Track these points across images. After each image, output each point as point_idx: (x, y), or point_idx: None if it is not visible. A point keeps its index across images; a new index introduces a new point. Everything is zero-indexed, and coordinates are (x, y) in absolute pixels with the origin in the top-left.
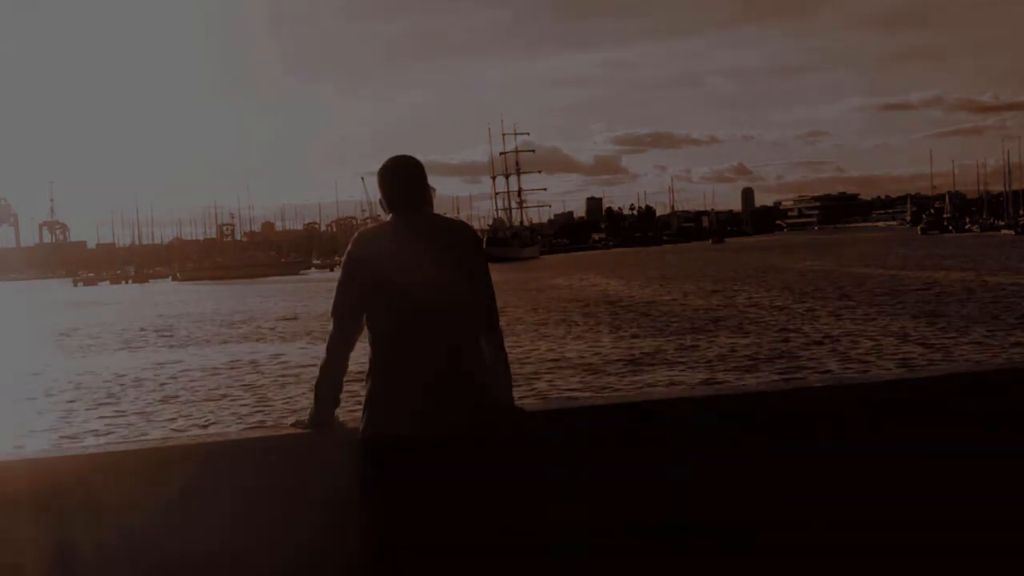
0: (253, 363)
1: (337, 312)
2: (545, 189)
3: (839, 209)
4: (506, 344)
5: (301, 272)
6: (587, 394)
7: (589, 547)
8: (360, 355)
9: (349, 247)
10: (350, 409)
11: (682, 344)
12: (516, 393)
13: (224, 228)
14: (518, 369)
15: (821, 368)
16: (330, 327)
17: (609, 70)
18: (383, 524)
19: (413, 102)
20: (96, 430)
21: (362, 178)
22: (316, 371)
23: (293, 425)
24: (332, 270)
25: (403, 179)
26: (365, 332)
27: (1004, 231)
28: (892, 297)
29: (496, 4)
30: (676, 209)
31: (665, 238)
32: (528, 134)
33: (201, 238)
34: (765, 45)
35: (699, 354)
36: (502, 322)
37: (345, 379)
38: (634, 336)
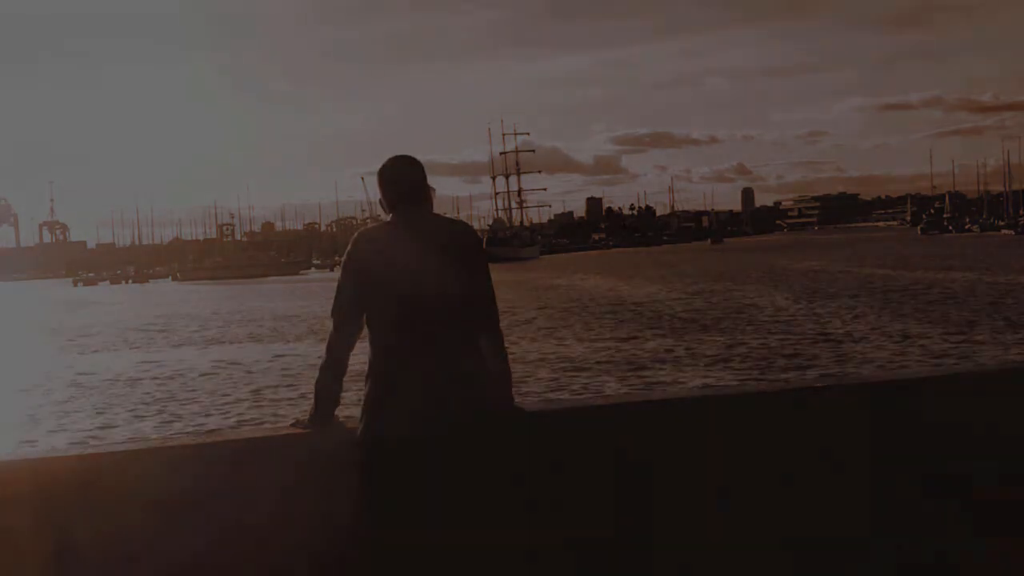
0: (252, 363)
1: (337, 312)
2: (545, 189)
3: (839, 209)
4: (506, 344)
5: (301, 272)
6: (586, 394)
7: (588, 546)
8: (360, 355)
9: (349, 247)
10: (350, 409)
11: (682, 344)
12: (515, 393)
13: (224, 228)
14: (518, 369)
15: (820, 368)
16: (330, 327)
17: (609, 70)
18: (382, 524)
19: (414, 102)
20: (96, 430)
21: (362, 178)
22: (316, 371)
23: (293, 425)
24: (332, 270)
25: (403, 179)
26: (365, 332)
27: (1004, 231)
28: (892, 297)
29: (496, 4)
30: (676, 209)
31: (665, 238)
32: (528, 134)
33: (201, 238)
34: (765, 45)
35: (698, 354)
36: (502, 322)
37: (345, 379)
38: (634, 336)
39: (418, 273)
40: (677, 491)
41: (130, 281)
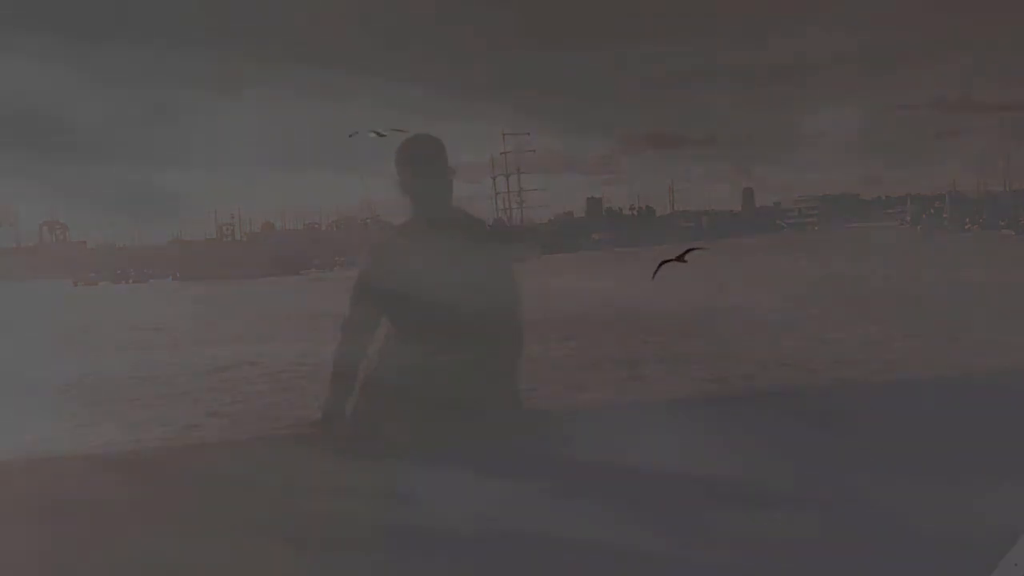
0: (252, 363)
1: (349, 326)
2: (545, 190)
3: (839, 209)
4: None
5: (301, 272)
6: (588, 395)
7: (588, 545)
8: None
9: (367, 262)
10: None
11: (681, 344)
12: (524, 395)
13: (224, 228)
14: (524, 369)
15: (818, 369)
16: (339, 339)
17: (609, 70)
18: (386, 524)
19: (413, 100)
20: (96, 430)
21: (362, 178)
22: (319, 372)
23: (296, 426)
24: (332, 270)
25: (421, 154)
26: (376, 336)
27: (1004, 231)
28: (892, 297)
29: (496, 3)
30: (676, 209)
31: (666, 239)
32: (528, 134)
33: (201, 238)
34: (764, 44)
35: (697, 354)
36: None
37: (354, 386)
38: (633, 336)
39: (438, 281)
40: (679, 491)
41: (130, 281)
